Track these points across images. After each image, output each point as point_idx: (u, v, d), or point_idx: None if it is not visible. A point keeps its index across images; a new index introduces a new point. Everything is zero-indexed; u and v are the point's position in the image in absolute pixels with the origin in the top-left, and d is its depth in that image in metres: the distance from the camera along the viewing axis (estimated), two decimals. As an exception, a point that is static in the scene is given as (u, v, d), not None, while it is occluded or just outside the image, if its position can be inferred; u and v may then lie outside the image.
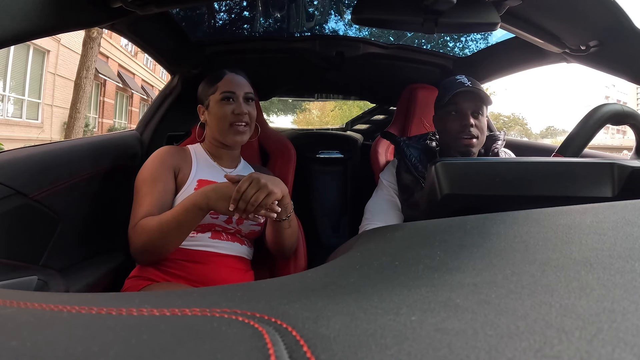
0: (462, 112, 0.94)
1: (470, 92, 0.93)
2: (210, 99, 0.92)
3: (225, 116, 0.90)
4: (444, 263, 0.23)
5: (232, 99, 0.91)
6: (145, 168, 0.87)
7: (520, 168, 0.47)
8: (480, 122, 0.94)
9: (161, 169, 0.86)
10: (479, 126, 0.94)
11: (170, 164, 0.87)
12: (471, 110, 0.94)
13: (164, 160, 0.87)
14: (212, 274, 0.84)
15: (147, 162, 0.88)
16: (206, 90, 0.93)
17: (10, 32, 0.53)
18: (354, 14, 0.69)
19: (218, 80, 0.92)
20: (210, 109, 0.92)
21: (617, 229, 0.26)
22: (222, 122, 0.90)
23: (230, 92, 0.91)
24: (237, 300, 0.20)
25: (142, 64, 14.32)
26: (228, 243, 0.88)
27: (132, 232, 0.79)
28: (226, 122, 0.90)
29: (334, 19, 1.65)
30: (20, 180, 0.76)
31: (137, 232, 0.77)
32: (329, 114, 16.94)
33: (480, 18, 0.67)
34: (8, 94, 7.95)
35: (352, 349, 0.14)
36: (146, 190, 0.83)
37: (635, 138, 0.69)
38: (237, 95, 0.91)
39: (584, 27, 0.80)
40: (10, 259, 0.72)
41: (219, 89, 0.91)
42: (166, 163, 0.87)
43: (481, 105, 0.94)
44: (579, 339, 0.13)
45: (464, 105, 0.94)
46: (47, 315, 0.17)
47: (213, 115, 0.91)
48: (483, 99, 0.94)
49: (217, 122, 0.91)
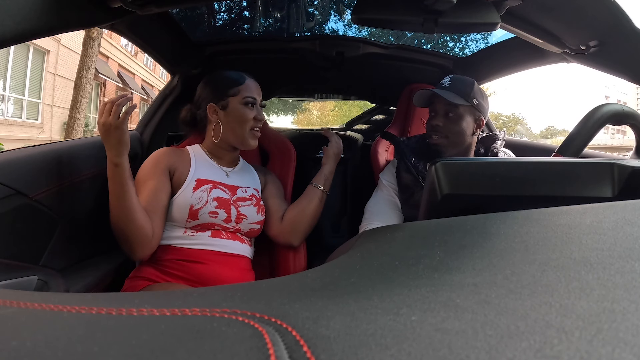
0: (435, 112, 0.96)
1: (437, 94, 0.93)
2: (231, 100, 0.92)
3: (248, 120, 0.91)
4: (444, 263, 0.23)
5: (253, 104, 0.93)
6: (140, 169, 0.88)
7: (520, 168, 0.47)
8: (451, 123, 0.93)
9: (154, 169, 0.87)
10: (449, 127, 0.93)
11: (165, 164, 0.88)
12: (444, 111, 0.94)
13: (158, 161, 0.88)
14: (212, 274, 0.84)
15: (143, 164, 0.89)
16: (223, 90, 0.92)
17: (10, 32, 0.53)
18: (354, 14, 0.69)
19: (239, 83, 0.93)
20: (230, 110, 0.92)
21: (617, 229, 0.26)
22: (243, 125, 0.91)
23: (253, 97, 0.92)
24: (237, 300, 0.20)
25: (142, 64, 14.32)
26: (228, 241, 0.88)
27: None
28: (247, 126, 0.91)
29: (334, 19, 1.65)
30: (20, 180, 0.76)
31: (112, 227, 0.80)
32: (329, 114, 16.94)
33: (480, 18, 0.67)
34: (8, 94, 7.95)
35: (352, 349, 0.14)
36: (139, 190, 0.84)
37: (635, 138, 0.69)
38: (257, 102, 0.94)
39: (584, 27, 0.80)
40: (10, 259, 0.72)
41: (241, 92, 0.92)
42: (160, 164, 0.88)
43: (453, 106, 0.93)
44: (579, 339, 0.13)
45: (436, 105, 0.96)
46: (47, 315, 0.17)
47: (233, 117, 0.91)
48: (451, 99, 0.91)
49: (237, 124, 0.91)
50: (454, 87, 0.94)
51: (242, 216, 0.90)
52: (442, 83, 0.97)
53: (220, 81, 0.94)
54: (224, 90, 0.92)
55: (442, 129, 0.94)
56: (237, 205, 0.90)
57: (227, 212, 0.88)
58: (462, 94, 0.93)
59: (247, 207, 0.92)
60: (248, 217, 0.91)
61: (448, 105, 0.93)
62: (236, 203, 0.91)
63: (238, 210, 0.90)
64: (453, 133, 0.94)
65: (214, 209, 0.86)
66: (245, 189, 0.95)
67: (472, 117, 0.95)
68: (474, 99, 0.93)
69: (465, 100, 0.92)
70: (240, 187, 0.94)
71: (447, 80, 0.96)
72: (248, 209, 0.92)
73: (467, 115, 0.94)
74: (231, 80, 0.93)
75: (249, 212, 0.91)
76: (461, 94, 0.93)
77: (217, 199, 0.87)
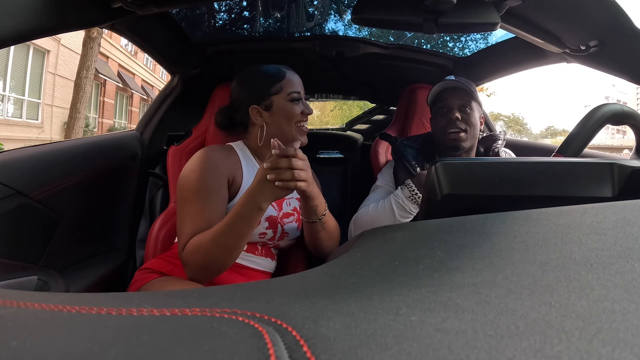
0: (448, 108, 0.96)
1: (454, 87, 0.95)
2: (274, 99, 0.84)
3: (295, 116, 0.83)
4: (444, 263, 0.23)
5: (299, 99, 0.85)
6: (194, 175, 0.75)
7: (520, 168, 0.47)
8: (468, 117, 0.94)
9: (215, 178, 0.76)
10: (467, 120, 0.94)
11: (225, 172, 0.78)
12: (458, 105, 0.95)
13: (217, 167, 0.77)
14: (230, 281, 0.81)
15: (196, 167, 0.76)
16: (264, 90, 0.84)
17: (10, 32, 0.53)
18: (354, 14, 0.69)
19: (280, 78, 0.85)
20: (275, 109, 0.84)
21: (617, 229, 0.26)
22: (290, 122, 0.83)
23: (298, 92, 0.85)
24: (237, 300, 0.20)
25: (142, 64, 14.32)
26: (261, 258, 0.85)
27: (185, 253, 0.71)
28: (293, 122, 0.84)
29: (333, 19, 1.65)
30: (20, 180, 0.76)
31: (192, 251, 0.70)
32: (329, 114, 16.94)
33: (480, 18, 0.67)
34: (8, 94, 7.95)
35: (352, 349, 0.14)
36: (200, 205, 0.73)
37: (635, 138, 0.69)
38: (302, 96, 0.86)
39: (584, 27, 0.80)
40: (10, 259, 0.72)
41: (284, 89, 0.84)
42: (220, 172, 0.77)
43: (468, 100, 0.95)
44: (579, 339, 0.13)
45: (449, 101, 0.96)
46: (47, 315, 0.17)
47: (280, 116, 0.83)
48: (467, 92, 0.94)
49: (285, 122, 0.83)
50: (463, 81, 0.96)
51: (285, 234, 0.85)
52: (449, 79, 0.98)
53: (258, 79, 0.85)
54: (265, 89, 0.84)
55: (460, 122, 0.94)
56: (282, 223, 0.85)
57: (274, 232, 0.83)
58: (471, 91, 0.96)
59: (290, 223, 0.86)
60: (289, 234, 0.86)
61: (462, 99, 0.95)
62: (282, 220, 0.85)
63: (283, 229, 0.84)
64: (471, 125, 0.95)
65: (264, 230, 0.80)
66: (288, 201, 0.89)
67: (478, 113, 0.97)
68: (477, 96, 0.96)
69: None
70: (285, 200, 0.87)
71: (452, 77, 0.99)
72: (290, 225, 0.86)
73: (476, 111, 0.96)
74: (270, 76, 0.85)
75: (290, 230, 0.86)
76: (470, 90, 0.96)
77: (268, 219, 0.81)
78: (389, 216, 0.89)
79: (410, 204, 0.87)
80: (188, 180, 0.75)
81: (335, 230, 0.86)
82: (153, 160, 1.23)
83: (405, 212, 0.88)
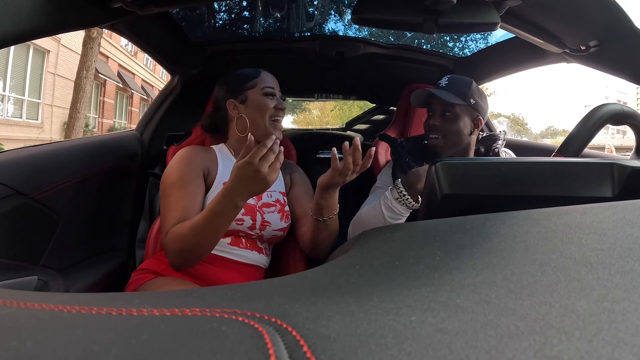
0: (433, 112, 0.96)
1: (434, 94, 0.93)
2: (249, 93, 0.90)
3: (268, 108, 0.89)
4: (444, 263, 0.23)
5: (273, 95, 0.91)
6: (172, 170, 0.82)
7: (520, 168, 0.47)
8: (448, 122, 0.93)
9: (191, 171, 0.82)
10: (446, 127, 0.93)
11: (200, 164, 0.85)
12: (440, 111, 0.95)
13: (192, 161, 0.84)
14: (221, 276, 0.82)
15: (174, 164, 0.83)
16: (239, 85, 0.91)
17: (10, 32, 0.53)
18: (354, 14, 0.69)
19: (255, 76, 0.92)
20: (250, 102, 0.90)
21: (617, 229, 0.26)
22: (264, 114, 0.89)
23: (272, 87, 0.91)
24: (237, 300, 0.20)
25: (142, 64, 14.32)
26: (246, 251, 0.86)
27: (166, 240, 0.75)
28: (267, 115, 0.89)
29: (333, 19, 1.65)
30: (20, 180, 0.76)
31: (172, 240, 0.74)
32: (329, 114, 16.96)
33: (480, 18, 0.67)
34: (8, 94, 7.95)
35: (352, 349, 0.14)
36: (177, 195, 0.78)
37: (635, 138, 0.69)
38: (275, 92, 0.92)
39: (584, 27, 0.80)
40: (10, 259, 0.72)
41: (258, 84, 0.90)
42: (195, 164, 0.84)
43: (450, 106, 0.93)
44: (579, 339, 0.13)
45: (434, 105, 0.96)
46: (47, 315, 0.17)
47: (253, 108, 0.89)
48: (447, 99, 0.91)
49: (258, 114, 0.89)
50: (451, 86, 0.94)
51: (266, 223, 0.87)
52: (439, 83, 0.97)
53: (235, 78, 0.93)
54: (241, 85, 0.91)
55: (439, 128, 0.94)
56: (262, 212, 0.87)
57: (253, 219, 0.85)
58: (459, 94, 0.93)
59: (272, 213, 0.88)
60: (272, 224, 0.88)
61: (445, 105, 0.94)
62: (261, 209, 0.87)
63: (263, 217, 0.87)
64: (450, 132, 0.94)
65: (241, 216, 0.83)
66: (270, 193, 0.92)
67: (469, 116, 0.95)
68: (472, 98, 0.93)
69: (462, 100, 0.92)
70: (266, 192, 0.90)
71: (444, 80, 0.97)
72: (272, 215, 0.88)
73: (464, 115, 0.94)
74: (246, 75, 0.92)
75: (272, 219, 0.88)
76: (458, 93, 0.93)
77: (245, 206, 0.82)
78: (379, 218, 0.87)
79: (398, 205, 0.85)
80: (167, 175, 0.82)
81: (334, 234, 0.88)
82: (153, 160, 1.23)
83: (394, 214, 0.86)
